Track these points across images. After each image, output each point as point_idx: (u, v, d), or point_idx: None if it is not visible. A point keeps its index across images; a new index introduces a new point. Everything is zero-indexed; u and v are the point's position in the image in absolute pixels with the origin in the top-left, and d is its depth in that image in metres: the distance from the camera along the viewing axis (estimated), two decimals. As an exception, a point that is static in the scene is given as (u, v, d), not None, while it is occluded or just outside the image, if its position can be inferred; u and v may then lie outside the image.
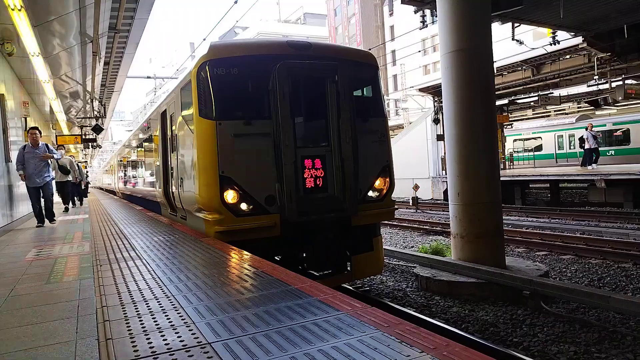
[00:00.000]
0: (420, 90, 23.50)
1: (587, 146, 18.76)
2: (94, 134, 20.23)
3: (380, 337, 2.21)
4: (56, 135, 19.13)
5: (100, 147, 31.31)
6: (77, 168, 15.29)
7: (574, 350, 4.98)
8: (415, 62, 46.67)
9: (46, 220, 9.35)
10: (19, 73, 11.57)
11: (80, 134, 20.38)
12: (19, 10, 6.33)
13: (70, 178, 13.78)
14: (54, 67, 11.85)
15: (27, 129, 9.17)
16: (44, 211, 9.19)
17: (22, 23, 6.86)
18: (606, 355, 4.86)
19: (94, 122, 18.37)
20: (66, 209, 13.11)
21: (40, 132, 9.02)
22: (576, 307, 6.35)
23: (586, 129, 19.45)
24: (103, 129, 20.10)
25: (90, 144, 22.29)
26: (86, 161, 39.39)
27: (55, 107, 14.68)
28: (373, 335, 2.24)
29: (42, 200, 9.10)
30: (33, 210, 9.19)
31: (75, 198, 16.04)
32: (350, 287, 7.52)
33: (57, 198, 12.91)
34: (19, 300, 3.54)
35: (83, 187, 19.06)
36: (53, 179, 9.42)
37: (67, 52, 11.27)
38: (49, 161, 9.09)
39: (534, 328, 5.68)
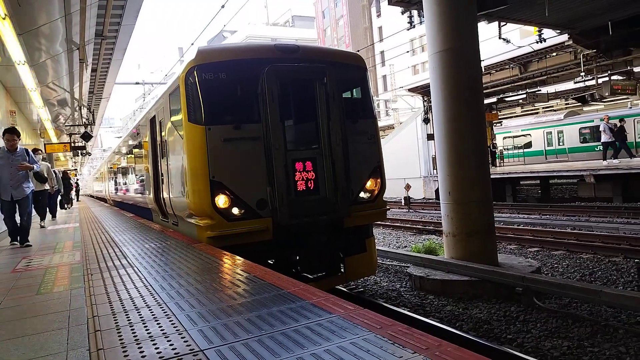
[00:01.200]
0: (410, 90, 23.63)
1: (603, 139, 17.47)
2: (83, 142, 20.05)
3: (373, 339, 2.21)
4: (44, 144, 18.96)
5: (89, 154, 31.10)
6: (54, 176, 13.11)
7: (567, 345, 5.02)
8: (404, 63, 46.84)
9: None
10: (5, 82, 11.46)
11: (69, 141, 20.21)
12: (3, 18, 6.26)
13: (47, 187, 11.78)
14: (41, 75, 11.75)
15: (3, 132, 7.47)
16: (19, 230, 7.61)
17: (6, 32, 6.79)
18: (599, 349, 4.90)
19: (82, 130, 18.22)
20: (42, 226, 11.22)
21: (18, 135, 7.43)
22: (568, 302, 6.40)
23: (602, 120, 18.06)
24: (92, 136, 19.95)
25: (79, 151, 22.11)
26: (76, 169, 39.08)
27: (42, 115, 14.56)
28: (365, 337, 2.25)
29: (19, 216, 7.58)
30: (6, 226, 7.61)
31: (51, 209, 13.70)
32: (344, 289, 7.52)
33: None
34: (8, 312, 3.50)
35: (63, 197, 16.39)
36: (33, 191, 7.80)
37: (54, 60, 11.18)
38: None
39: (527, 324, 5.72)
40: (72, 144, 19.92)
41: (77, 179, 38.43)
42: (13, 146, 7.25)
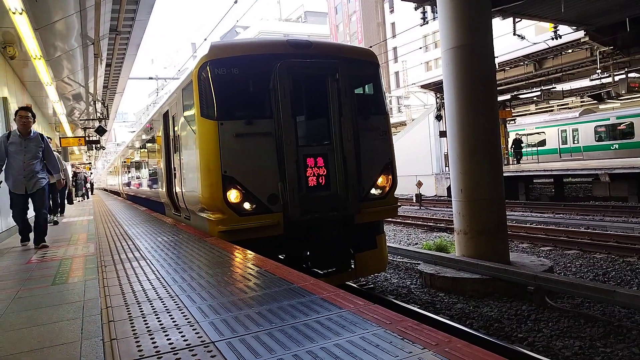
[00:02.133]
0: (422, 86, 23.48)
1: None
2: (98, 136, 20.28)
3: (383, 334, 2.22)
4: (60, 138, 19.21)
5: (103, 148, 31.41)
6: (64, 167, 11.54)
7: (579, 345, 4.97)
8: (416, 59, 46.55)
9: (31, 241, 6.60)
10: (22, 76, 11.62)
11: (83, 135, 20.46)
12: (20, 13, 6.36)
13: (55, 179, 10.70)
14: (56, 70, 11.90)
15: (16, 111, 6.35)
16: (33, 228, 6.51)
17: (23, 26, 6.89)
18: (611, 349, 4.85)
19: (97, 124, 18.43)
20: (55, 222, 10.12)
21: (34, 116, 6.33)
22: (581, 302, 6.34)
23: None
24: (106, 131, 20.16)
25: (93, 145, 22.38)
26: (90, 163, 39.58)
27: (58, 110, 14.74)
28: (375, 332, 2.25)
29: (33, 212, 6.44)
30: (17, 224, 6.66)
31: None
32: (355, 285, 7.53)
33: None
34: (24, 301, 3.57)
35: (69, 191, 14.30)
36: (49, 183, 6.62)
37: (69, 55, 11.31)
38: (39, 154, 6.31)
39: (538, 323, 5.68)
40: (87, 138, 20.15)
41: (91, 173, 38.91)
42: (26, 127, 6.14)
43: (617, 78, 16.42)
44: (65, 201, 13.42)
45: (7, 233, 8.29)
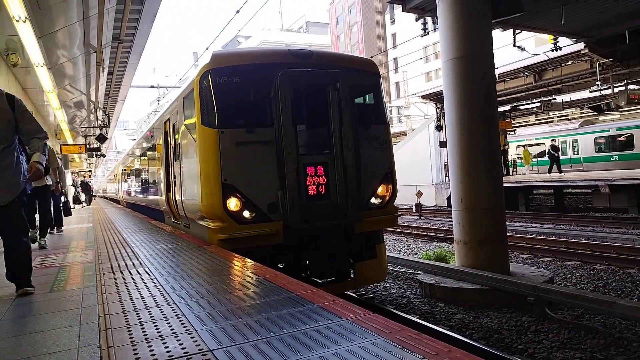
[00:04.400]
0: (422, 97, 23.56)
1: None
2: (98, 143, 20.32)
3: (382, 344, 2.20)
4: (61, 145, 19.25)
5: (104, 156, 31.49)
6: (59, 163, 9.43)
7: (579, 357, 4.94)
8: (417, 69, 46.83)
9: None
10: (24, 83, 11.68)
11: (84, 143, 20.51)
12: (24, 21, 6.41)
13: (49, 182, 7.92)
14: (58, 78, 11.96)
15: None
16: (11, 262, 3.83)
17: (26, 34, 6.94)
18: (612, 361, 4.82)
19: (98, 132, 18.49)
20: (42, 246, 7.10)
21: None
22: (581, 313, 6.30)
23: None
24: (107, 138, 20.22)
25: (94, 153, 22.43)
26: (90, 170, 39.60)
27: (59, 117, 14.81)
28: (375, 342, 2.24)
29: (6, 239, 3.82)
30: None
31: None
32: (354, 295, 7.49)
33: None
34: (22, 308, 3.55)
35: (64, 201, 11.61)
36: (29, 190, 4.34)
37: (71, 63, 11.37)
38: (10, 134, 3.75)
39: (539, 335, 5.64)
40: (88, 146, 20.21)
41: (90, 180, 38.96)
42: None
43: (616, 90, 16.50)
44: (62, 213, 10.61)
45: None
